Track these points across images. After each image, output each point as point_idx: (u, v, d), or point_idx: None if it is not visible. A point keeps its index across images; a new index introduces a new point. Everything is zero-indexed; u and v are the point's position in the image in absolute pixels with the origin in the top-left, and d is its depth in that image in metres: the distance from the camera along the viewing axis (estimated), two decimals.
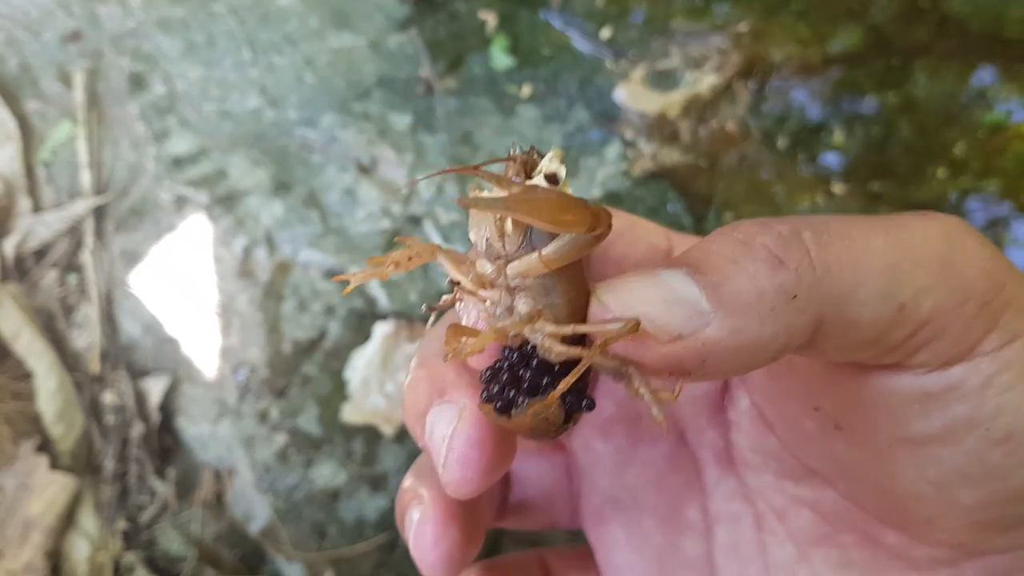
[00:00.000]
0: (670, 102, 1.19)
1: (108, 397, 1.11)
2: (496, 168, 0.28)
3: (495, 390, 0.29)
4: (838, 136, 1.17)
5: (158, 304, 1.11)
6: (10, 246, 1.13)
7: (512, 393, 0.28)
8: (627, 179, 1.17)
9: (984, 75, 1.17)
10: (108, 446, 1.12)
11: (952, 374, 0.28)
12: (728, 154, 1.19)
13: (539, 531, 0.42)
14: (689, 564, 0.40)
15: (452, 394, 0.33)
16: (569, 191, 0.26)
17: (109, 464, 1.12)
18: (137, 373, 1.12)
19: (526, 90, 1.20)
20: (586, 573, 0.42)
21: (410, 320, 1.10)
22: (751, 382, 0.38)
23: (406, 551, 1.09)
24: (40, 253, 1.14)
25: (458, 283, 0.30)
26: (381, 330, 1.08)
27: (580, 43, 1.21)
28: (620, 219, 0.35)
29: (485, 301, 0.29)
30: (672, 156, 1.18)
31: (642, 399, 0.26)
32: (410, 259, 0.30)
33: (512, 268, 0.27)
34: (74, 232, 1.13)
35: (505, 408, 0.28)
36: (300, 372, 1.08)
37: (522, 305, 0.28)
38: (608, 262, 0.35)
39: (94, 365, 1.12)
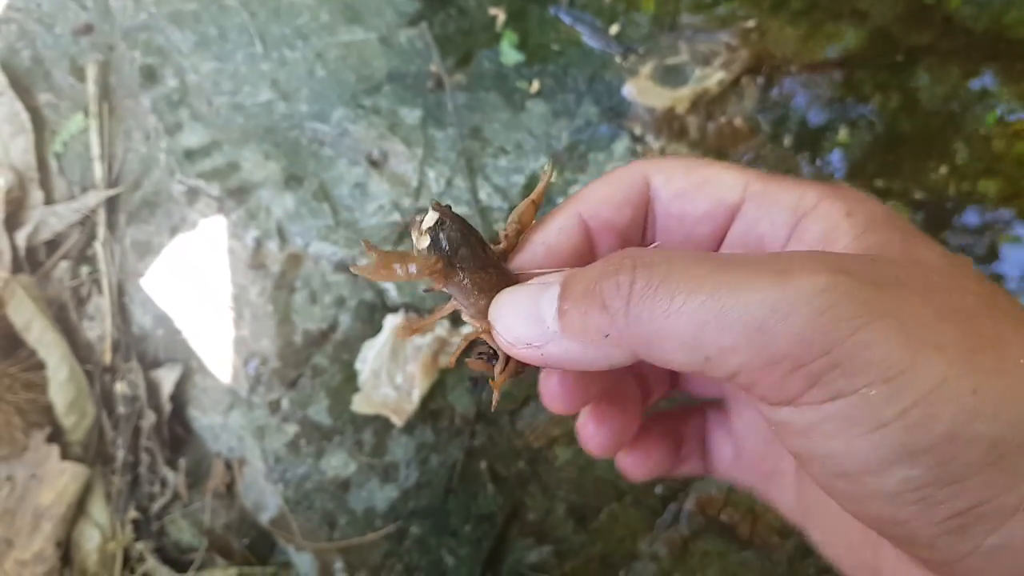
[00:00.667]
0: (678, 97, 1.20)
1: (120, 387, 1.12)
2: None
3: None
4: (843, 134, 1.18)
5: (170, 295, 1.11)
6: (22, 237, 1.13)
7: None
8: None
9: (987, 76, 1.18)
10: (119, 436, 1.12)
11: (781, 413, 0.29)
12: (736, 150, 1.20)
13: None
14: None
15: None
16: (423, 245, 0.38)
17: (120, 454, 1.12)
18: (149, 364, 1.12)
19: (535, 85, 1.20)
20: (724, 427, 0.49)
21: (419, 313, 1.11)
22: None
23: (416, 541, 1.10)
24: (52, 244, 1.15)
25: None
26: (391, 322, 1.09)
27: (589, 39, 1.22)
28: (691, 175, 0.40)
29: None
30: (680, 151, 1.19)
31: (496, 376, 0.38)
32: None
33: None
34: (86, 224, 1.14)
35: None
36: (311, 363, 1.08)
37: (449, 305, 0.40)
38: (671, 218, 0.41)
39: (106, 356, 1.13)
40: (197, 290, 1.10)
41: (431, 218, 0.38)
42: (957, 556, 0.29)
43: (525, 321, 0.34)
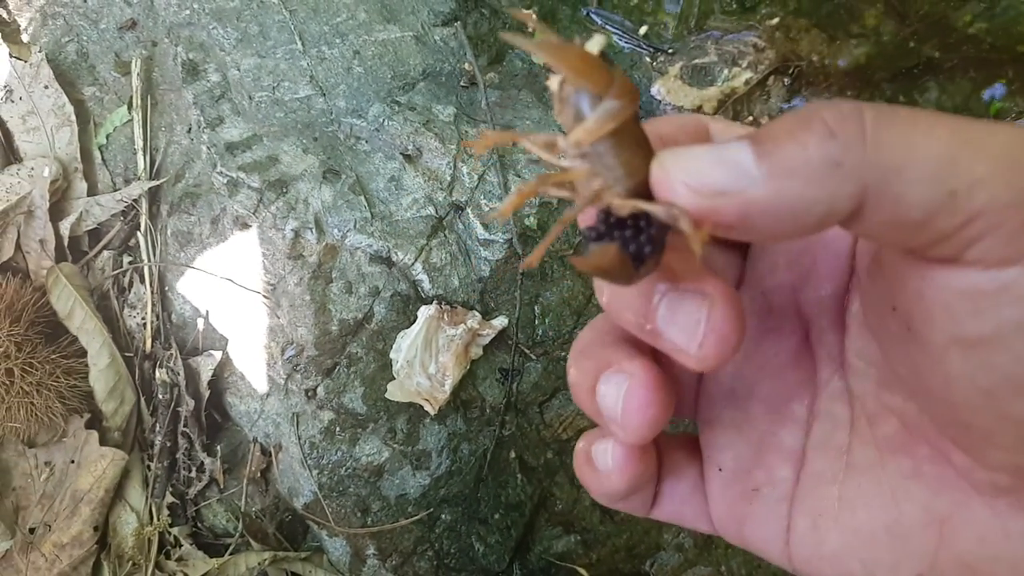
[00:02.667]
0: (706, 97, 1.22)
1: (159, 375, 1.14)
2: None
3: (579, 244, 0.33)
4: None
5: (210, 284, 1.14)
6: (66, 227, 1.16)
7: (587, 243, 0.32)
8: None
9: (999, 88, 1.19)
10: (158, 422, 1.15)
11: (1006, 275, 0.28)
12: None
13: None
14: (783, 452, 0.42)
15: (619, 365, 0.38)
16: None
17: (158, 440, 1.15)
18: (188, 351, 1.15)
19: None
20: (688, 450, 0.46)
21: (452, 304, 1.13)
22: (859, 286, 0.40)
23: (447, 527, 1.12)
24: (95, 234, 1.18)
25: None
26: (425, 313, 1.11)
27: (619, 39, 1.25)
28: (686, 118, 0.38)
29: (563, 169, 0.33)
30: None
31: (686, 235, 0.29)
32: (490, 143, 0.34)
33: (568, 137, 0.30)
34: (129, 214, 1.17)
35: (578, 253, 0.32)
36: (346, 352, 1.11)
37: (582, 168, 0.31)
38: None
39: (146, 343, 1.16)
40: (236, 279, 1.12)
41: (598, 41, 0.30)
42: None
43: (715, 164, 0.28)
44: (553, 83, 0.32)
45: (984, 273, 0.29)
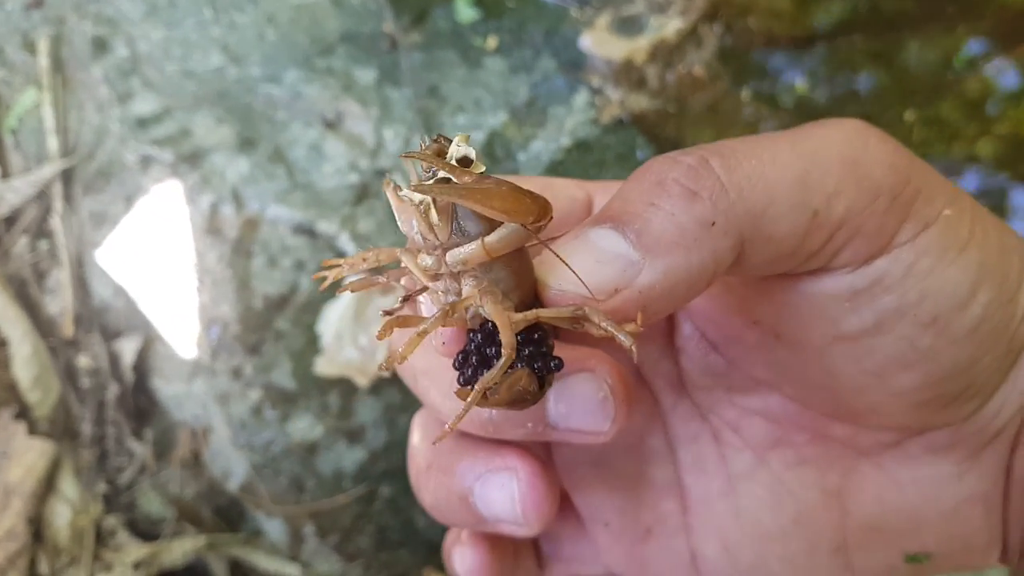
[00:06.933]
0: (636, 48, 1.18)
1: (83, 360, 1.11)
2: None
3: (469, 373, 0.29)
4: (800, 83, 1.17)
5: (128, 264, 1.10)
6: None
7: (484, 372, 0.28)
8: (596, 126, 1.17)
9: (977, 44, 1.15)
10: (85, 410, 1.12)
11: (875, 268, 0.29)
12: (696, 98, 1.18)
13: None
14: (660, 489, 0.42)
15: (495, 465, 0.36)
16: (482, 169, 0.27)
17: (86, 428, 1.12)
18: (110, 335, 1.12)
19: (492, 42, 1.19)
20: (565, 517, 0.43)
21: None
22: (691, 308, 0.40)
23: (385, 502, 1.09)
24: (10, 220, 1.14)
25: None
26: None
27: None
28: (534, 181, 0.35)
29: (437, 292, 0.29)
30: (640, 102, 1.18)
31: (609, 334, 0.26)
32: (372, 259, 0.32)
33: (452, 256, 0.27)
34: (43, 197, 1.13)
35: (469, 383, 0.29)
36: (272, 327, 1.08)
37: (468, 287, 0.28)
38: None
39: (67, 329, 1.12)
40: (155, 258, 1.09)
41: (464, 140, 0.27)
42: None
43: (600, 263, 0.27)
44: (417, 195, 0.28)
45: (854, 273, 0.29)
